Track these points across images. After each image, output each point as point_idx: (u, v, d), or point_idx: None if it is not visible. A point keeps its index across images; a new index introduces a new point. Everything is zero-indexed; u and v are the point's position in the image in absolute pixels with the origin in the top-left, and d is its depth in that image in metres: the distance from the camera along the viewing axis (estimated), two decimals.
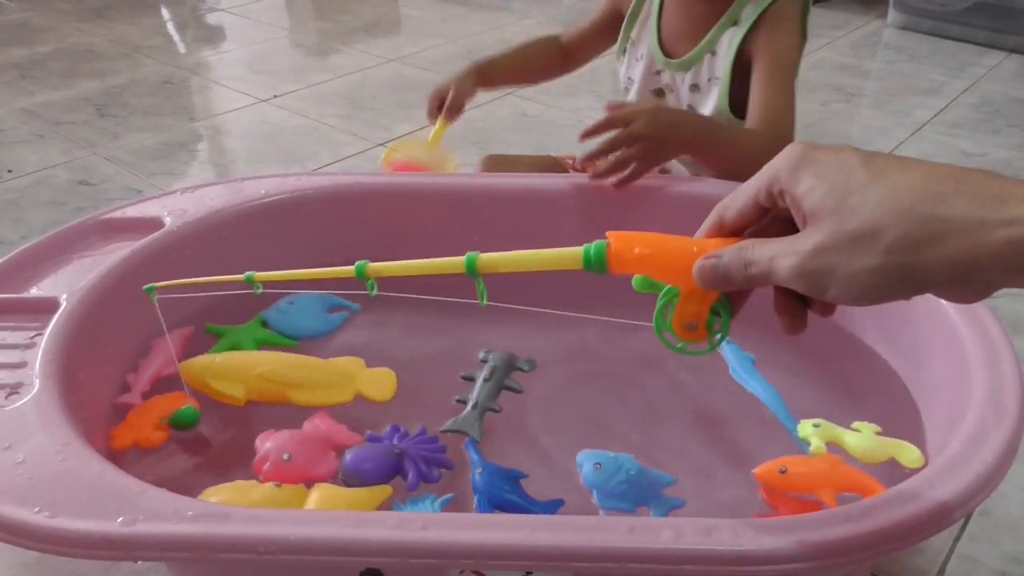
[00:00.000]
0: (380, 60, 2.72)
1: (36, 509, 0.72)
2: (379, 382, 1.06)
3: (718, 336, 0.67)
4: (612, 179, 1.19)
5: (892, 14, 3.06)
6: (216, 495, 0.86)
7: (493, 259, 0.72)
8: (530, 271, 0.70)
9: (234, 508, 0.75)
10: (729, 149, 1.22)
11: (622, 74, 1.51)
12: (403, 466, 0.93)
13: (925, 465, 0.88)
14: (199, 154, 2.14)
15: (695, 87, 1.38)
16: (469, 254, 0.73)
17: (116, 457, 0.92)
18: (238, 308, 1.15)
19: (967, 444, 0.77)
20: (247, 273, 0.93)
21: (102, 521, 0.71)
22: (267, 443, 0.94)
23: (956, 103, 2.44)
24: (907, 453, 0.90)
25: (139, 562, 0.99)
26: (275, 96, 2.44)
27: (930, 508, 0.71)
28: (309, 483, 0.90)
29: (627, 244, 0.65)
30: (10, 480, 0.76)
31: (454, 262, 0.74)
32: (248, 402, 1.01)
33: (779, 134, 1.23)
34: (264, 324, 1.16)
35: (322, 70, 2.66)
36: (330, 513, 0.79)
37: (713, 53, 1.34)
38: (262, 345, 1.13)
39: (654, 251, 0.64)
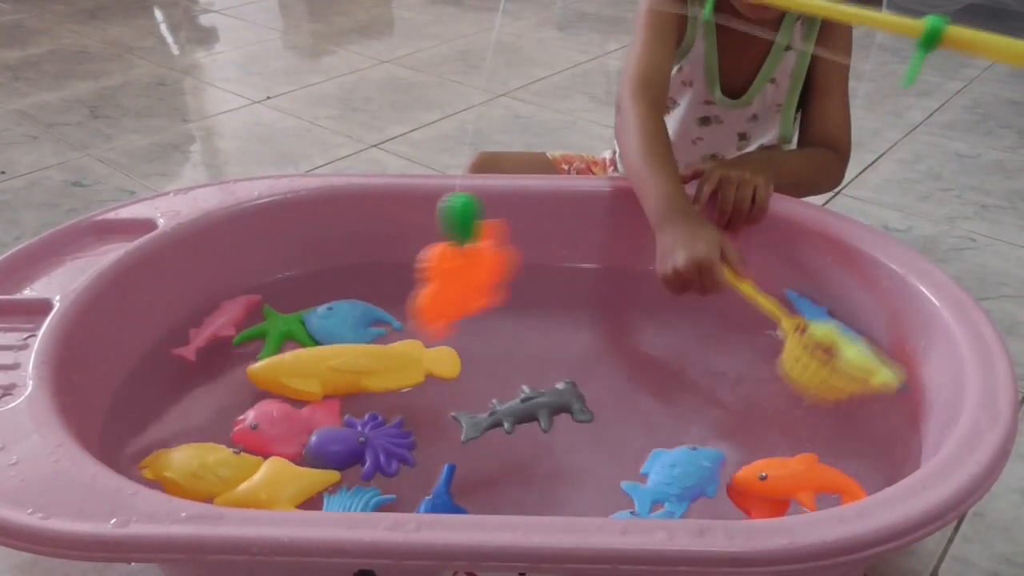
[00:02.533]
0: (373, 61, 2.72)
1: (29, 510, 0.72)
2: (444, 360, 1.06)
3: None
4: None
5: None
6: (178, 451, 0.90)
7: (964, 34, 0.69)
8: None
9: (227, 510, 0.75)
10: (799, 177, 1.24)
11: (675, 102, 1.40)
12: (364, 454, 0.93)
13: (897, 387, 0.92)
14: (192, 155, 2.14)
15: (754, 117, 1.35)
16: (934, 18, 0.69)
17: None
18: (280, 302, 1.16)
19: (961, 446, 0.77)
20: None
21: (95, 522, 0.71)
22: (251, 411, 0.96)
23: (949, 104, 2.44)
24: (882, 376, 0.92)
25: (132, 563, 0.98)
26: (268, 97, 2.44)
27: (923, 509, 0.71)
28: (268, 456, 0.91)
29: None
30: (3, 481, 0.76)
31: (911, 23, 0.69)
32: (325, 396, 1.01)
33: (838, 149, 1.26)
34: (302, 323, 1.13)
35: (315, 71, 2.66)
36: (324, 514, 0.80)
37: (773, 81, 1.31)
38: (287, 340, 1.11)
39: None
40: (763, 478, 0.86)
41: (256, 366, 1.02)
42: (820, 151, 1.27)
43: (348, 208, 1.24)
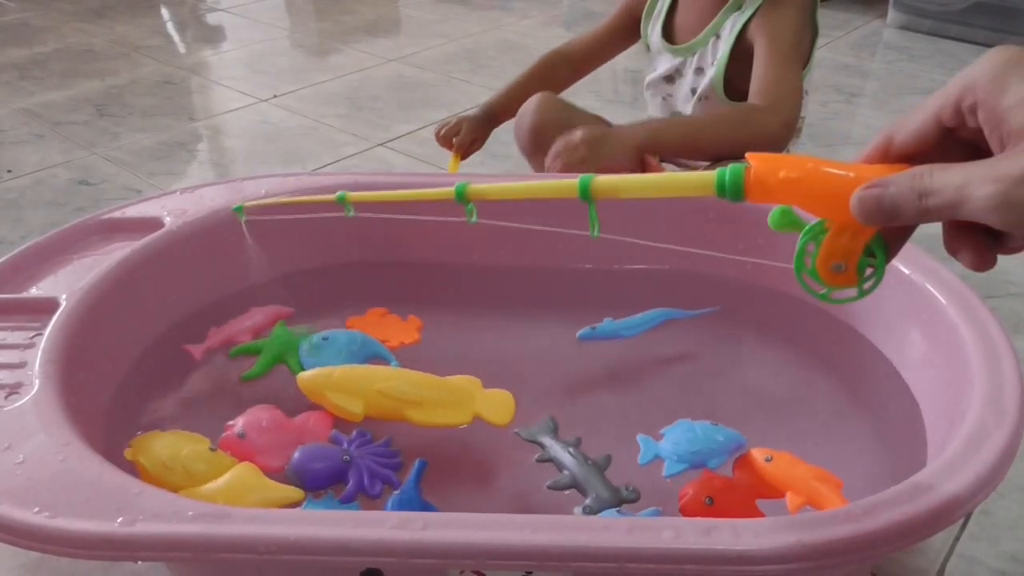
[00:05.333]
0: (380, 60, 2.72)
1: (36, 509, 0.72)
2: (498, 404, 0.99)
3: (869, 282, 0.59)
4: None
5: (892, 14, 3.06)
6: (160, 437, 0.90)
7: (612, 182, 0.66)
8: (655, 197, 0.64)
9: (234, 508, 0.75)
10: (699, 137, 1.29)
11: (650, 67, 1.56)
12: (347, 473, 0.91)
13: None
14: (199, 154, 2.14)
15: (700, 70, 1.43)
16: (583, 176, 0.67)
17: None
18: (283, 301, 1.16)
19: (967, 444, 0.77)
20: (339, 192, 0.97)
21: (102, 521, 0.71)
22: (240, 418, 0.95)
23: None
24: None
25: (139, 562, 0.99)
26: (275, 96, 2.44)
27: (930, 508, 0.71)
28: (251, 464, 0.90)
29: (771, 167, 0.57)
30: (10, 480, 0.76)
31: (565, 185, 0.67)
32: (366, 418, 0.96)
33: (773, 106, 1.28)
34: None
35: (322, 70, 2.66)
36: (330, 513, 0.80)
37: (717, 37, 1.38)
38: (278, 363, 1.07)
39: (803, 175, 0.56)
40: (768, 460, 0.86)
41: (305, 374, 0.98)
42: (740, 106, 1.31)
43: (355, 207, 1.24)
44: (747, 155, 0.58)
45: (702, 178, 0.60)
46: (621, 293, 1.23)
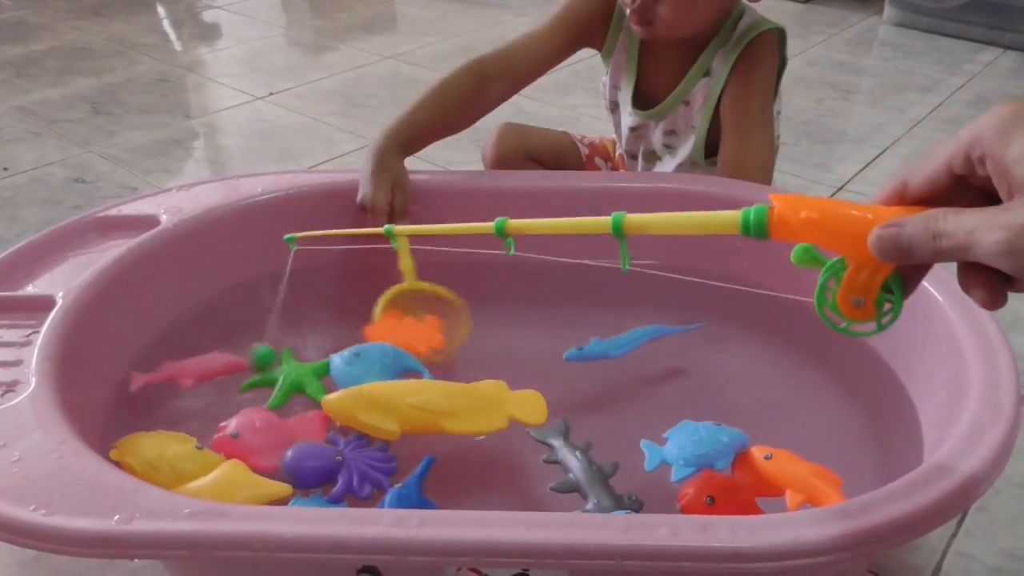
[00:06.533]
0: (376, 57, 2.72)
1: (32, 507, 0.72)
2: (530, 404, 0.98)
3: (888, 316, 0.62)
4: None
5: (888, 10, 3.06)
6: (147, 438, 0.90)
7: (643, 221, 0.69)
8: (682, 234, 0.66)
9: (230, 506, 0.75)
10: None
11: (606, 95, 1.46)
12: (338, 474, 0.91)
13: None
14: (195, 152, 2.14)
15: (671, 132, 1.37)
16: (616, 213, 0.70)
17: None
18: (310, 345, 1.14)
19: (963, 441, 0.77)
20: (387, 226, 0.99)
21: (98, 519, 0.71)
22: (233, 419, 0.95)
23: (952, 100, 2.44)
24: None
25: (135, 560, 0.99)
26: (271, 94, 2.44)
27: (927, 504, 0.71)
28: (245, 465, 0.90)
29: (793, 207, 0.60)
30: (6, 478, 0.76)
31: (599, 222, 0.71)
32: (403, 435, 0.94)
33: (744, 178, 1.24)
34: (317, 376, 1.06)
35: (318, 67, 2.66)
36: (327, 511, 0.80)
37: (686, 103, 1.33)
38: (297, 392, 1.05)
39: (824, 216, 0.59)
40: (768, 458, 0.86)
41: (331, 397, 0.95)
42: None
43: (351, 204, 1.24)
44: (770, 196, 0.61)
45: (728, 217, 0.63)
46: (612, 293, 1.23)
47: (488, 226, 0.85)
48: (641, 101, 1.38)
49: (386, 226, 0.98)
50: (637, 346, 1.10)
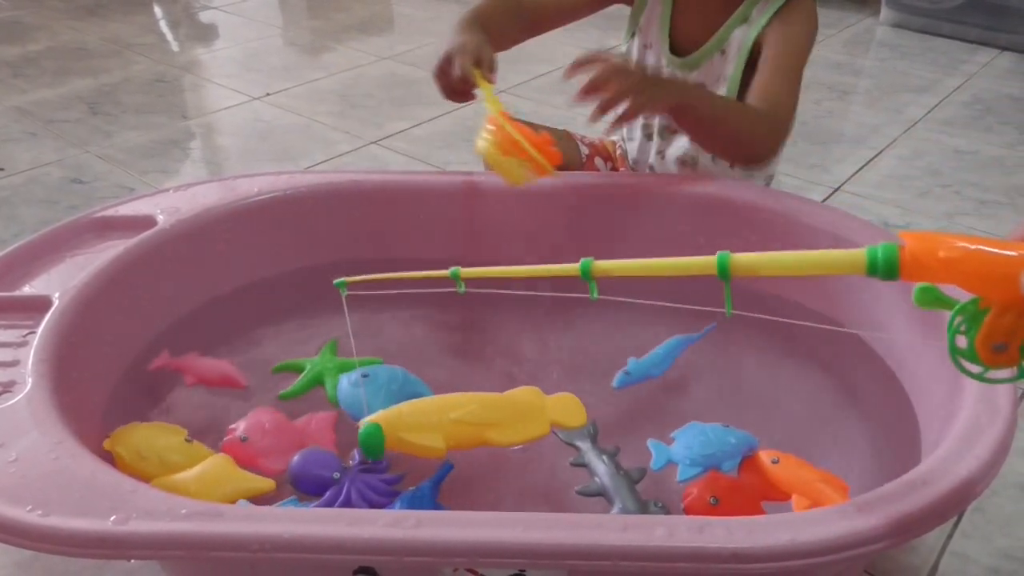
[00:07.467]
0: (373, 58, 2.72)
1: (29, 508, 0.72)
2: (568, 408, 0.98)
3: None
4: (610, 115, 1.11)
5: (884, 12, 3.06)
6: (139, 429, 0.91)
7: (752, 261, 0.64)
8: (794, 275, 0.62)
9: (227, 507, 0.75)
10: (723, 121, 1.19)
11: (633, 57, 1.45)
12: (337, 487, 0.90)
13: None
14: (192, 152, 2.14)
15: (701, 85, 1.36)
16: (721, 253, 0.65)
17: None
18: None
19: (960, 441, 0.77)
20: (452, 269, 0.87)
21: (95, 520, 0.71)
22: (242, 422, 0.96)
23: (948, 101, 2.44)
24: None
25: (132, 560, 0.98)
26: (268, 94, 2.44)
27: (923, 505, 0.71)
28: (254, 467, 0.91)
29: (928, 246, 0.55)
30: (3, 479, 0.76)
31: (703, 262, 0.66)
32: (449, 451, 0.93)
33: (774, 119, 1.21)
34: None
35: (315, 68, 2.66)
36: (324, 511, 0.80)
37: (723, 52, 1.31)
38: (316, 385, 1.07)
39: (964, 255, 0.54)
40: (775, 462, 0.86)
41: (371, 419, 0.92)
42: (750, 106, 1.22)
43: (348, 204, 1.24)
44: (900, 233, 0.57)
45: (851, 257, 0.59)
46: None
47: (572, 268, 0.77)
48: (674, 48, 1.38)
49: (452, 268, 0.89)
50: (672, 362, 1.10)
